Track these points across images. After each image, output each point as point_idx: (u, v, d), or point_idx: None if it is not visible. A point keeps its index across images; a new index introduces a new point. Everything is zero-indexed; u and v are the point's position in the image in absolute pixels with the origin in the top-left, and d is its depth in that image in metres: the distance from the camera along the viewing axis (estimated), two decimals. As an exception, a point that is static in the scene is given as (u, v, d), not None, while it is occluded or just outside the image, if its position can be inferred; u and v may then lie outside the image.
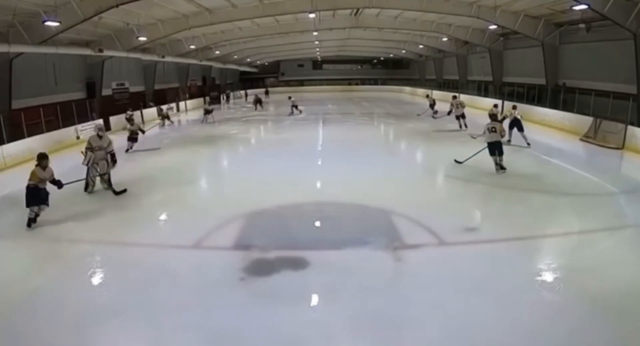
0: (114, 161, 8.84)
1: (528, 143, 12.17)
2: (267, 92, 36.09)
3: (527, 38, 19.07)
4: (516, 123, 12.48)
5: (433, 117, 18.99)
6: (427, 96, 21.46)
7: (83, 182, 8.57)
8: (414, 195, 7.91)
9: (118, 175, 8.99)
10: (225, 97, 35.56)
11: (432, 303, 4.21)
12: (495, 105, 13.80)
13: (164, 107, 22.34)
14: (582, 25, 15.96)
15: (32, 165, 10.31)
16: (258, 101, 26.97)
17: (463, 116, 15.88)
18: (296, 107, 23.08)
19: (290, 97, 24.44)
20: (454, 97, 17.09)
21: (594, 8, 12.56)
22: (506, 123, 11.70)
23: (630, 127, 11.77)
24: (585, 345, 3.59)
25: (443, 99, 29.68)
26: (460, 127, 15.83)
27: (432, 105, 20.39)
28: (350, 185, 8.29)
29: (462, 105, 16.17)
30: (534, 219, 6.46)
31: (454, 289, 4.47)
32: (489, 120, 9.55)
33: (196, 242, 5.84)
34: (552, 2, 15.30)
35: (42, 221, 6.98)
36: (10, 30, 13.02)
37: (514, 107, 12.97)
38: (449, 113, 16.78)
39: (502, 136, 9.17)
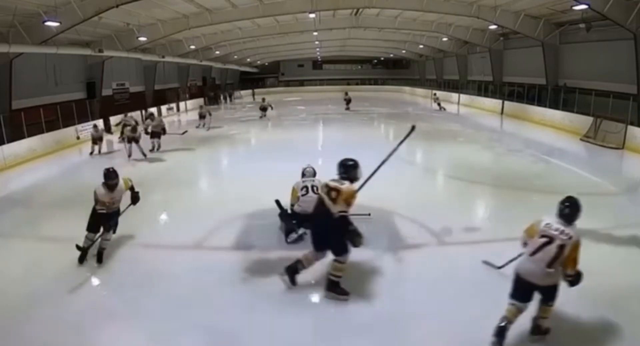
0: None
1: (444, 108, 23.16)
2: None
3: (527, 38, 19.07)
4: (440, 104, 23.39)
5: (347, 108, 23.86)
6: (346, 93, 25.33)
7: (83, 182, 8.57)
8: (414, 195, 7.92)
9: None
10: (224, 98, 35.34)
11: (433, 303, 4.21)
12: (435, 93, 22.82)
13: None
14: (582, 25, 15.95)
15: (31, 165, 10.42)
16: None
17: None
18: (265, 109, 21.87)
19: (263, 99, 22.87)
20: (346, 93, 25.49)
21: (594, 8, 12.56)
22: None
23: (630, 127, 11.78)
24: (586, 345, 3.59)
25: (446, 99, 29.78)
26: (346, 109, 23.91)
27: (347, 101, 24.41)
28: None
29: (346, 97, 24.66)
30: (534, 219, 6.44)
31: (455, 289, 4.47)
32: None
33: (197, 242, 5.84)
34: (552, 2, 15.30)
35: (42, 221, 6.99)
36: (11, 31, 13.02)
37: (435, 94, 24.61)
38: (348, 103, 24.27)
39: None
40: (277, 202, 6.24)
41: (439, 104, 24.02)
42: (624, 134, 11.73)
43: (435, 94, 26.08)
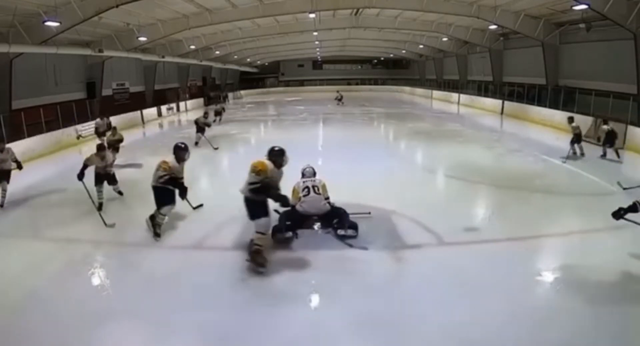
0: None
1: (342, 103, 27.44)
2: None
3: (527, 38, 19.09)
4: (341, 98, 27.80)
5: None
6: (223, 101, 26.61)
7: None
8: (414, 194, 7.90)
9: (118, 175, 8.99)
10: (223, 98, 35.06)
11: (433, 303, 4.20)
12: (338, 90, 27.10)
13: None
14: (582, 25, 15.96)
15: (31, 165, 10.41)
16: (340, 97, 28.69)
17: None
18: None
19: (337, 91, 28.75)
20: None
21: (594, 8, 12.57)
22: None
23: (630, 127, 11.78)
24: (586, 345, 3.59)
25: (444, 99, 29.82)
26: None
27: (217, 112, 20.48)
28: (351, 185, 8.28)
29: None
30: (534, 219, 6.46)
31: (454, 289, 4.46)
32: None
33: (197, 242, 5.85)
34: (552, 2, 15.31)
35: (42, 221, 6.99)
36: (11, 31, 13.04)
37: (338, 91, 28.79)
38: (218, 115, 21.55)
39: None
40: (277, 211, 6.24)
41: (339, 99, 28.05)
42: (624, 134, 11.72)
43: (338, 91, 30.05)
